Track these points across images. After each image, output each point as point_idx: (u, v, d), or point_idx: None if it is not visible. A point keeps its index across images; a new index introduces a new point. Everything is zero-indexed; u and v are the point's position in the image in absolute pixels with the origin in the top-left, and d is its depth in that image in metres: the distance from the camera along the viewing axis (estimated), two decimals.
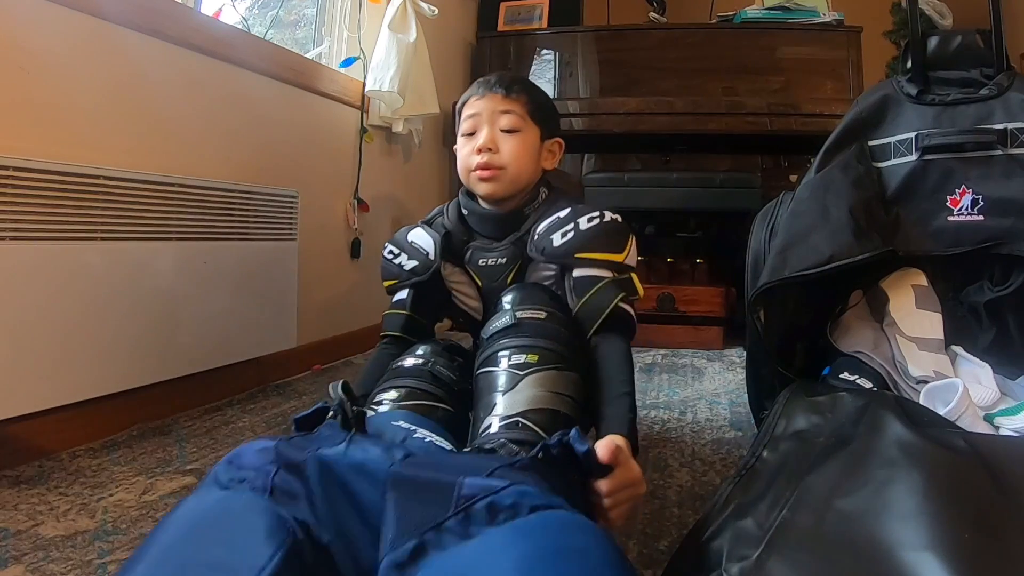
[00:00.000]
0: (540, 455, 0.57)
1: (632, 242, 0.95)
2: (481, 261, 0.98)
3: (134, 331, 1.24)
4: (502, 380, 0.76)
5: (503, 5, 2.78)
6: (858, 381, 0.93)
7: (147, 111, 1.32)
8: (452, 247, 1.01)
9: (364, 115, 2.09)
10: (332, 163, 1.97)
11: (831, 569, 0.53)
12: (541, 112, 1.00)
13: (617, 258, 0.92)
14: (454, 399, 0.85)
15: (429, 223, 1.06)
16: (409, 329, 1.01)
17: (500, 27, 2.77)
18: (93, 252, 1.16)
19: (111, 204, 1.19)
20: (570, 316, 0.87)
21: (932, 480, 0.55)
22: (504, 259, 0.97)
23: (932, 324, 0.99)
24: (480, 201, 1.01)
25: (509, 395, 0.74)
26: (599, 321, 0.88)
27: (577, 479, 0.61)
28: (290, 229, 1.66)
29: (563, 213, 0.94)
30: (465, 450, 0.75)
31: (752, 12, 2.51)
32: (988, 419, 0.85)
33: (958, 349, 0.99)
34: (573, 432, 0.59)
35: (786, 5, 2.46)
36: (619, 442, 0.68)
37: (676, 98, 2.37)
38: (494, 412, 0.73)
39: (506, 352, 0.78)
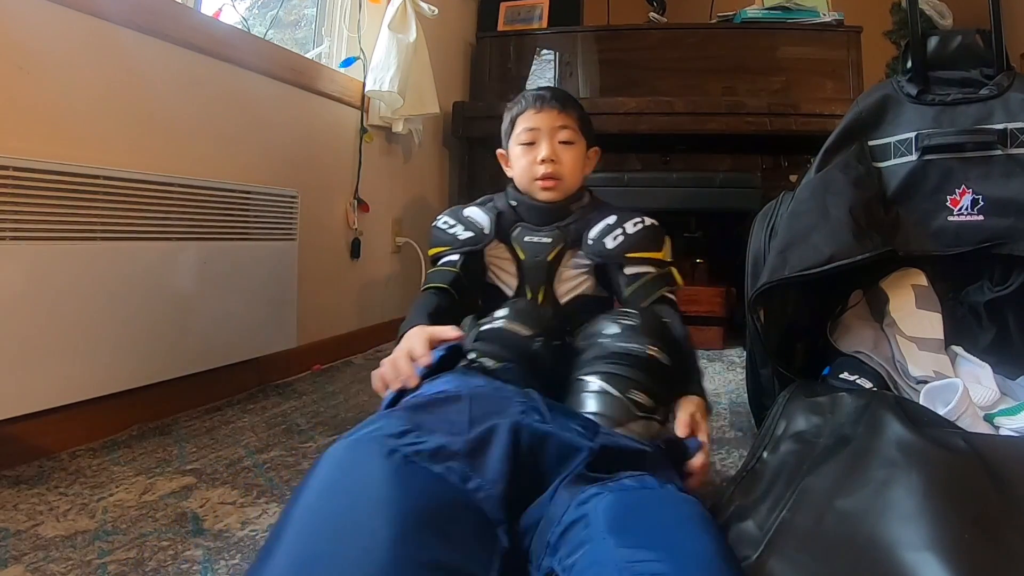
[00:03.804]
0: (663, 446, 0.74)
1: (668, 241, 1.08)
2: (527, 238, 1.07)
3: (134, 331, 1.24)
4: (617, 408, 0.81)
5: (503, 5, 2.78)
6: (858, 381, 0.93)
7: (147, 111, 1.32)
8: (501, 226, 1.09)
9: (364, 115, 2.09)
10: (332, 163, 1.97)
11: (831, 569, 0.53)
12: (587, 126, 1.12)
13: (658, 255, 1.05)
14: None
15: (478, 204, 1.14)
16: (456, 286, 1.07)
17: (500, 27, 2.77)
18: (93, 252, 1.16)
19: (111, 204, 1.19)
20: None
21: (932, 480, 0.55)
22: (549, 239, 1.06)
23: (932, 324, 0.99)
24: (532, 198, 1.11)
25: (621, 429, 0.80)
26: (648, 299, 1.02)
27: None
28: (290, 229, 1.66)
29: (611, 220, 1.05)
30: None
31: (752, 12, 2.51)
32: (988, 419, 0.85)
33: (958, 349, 0.99)
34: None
35: (786, 5, 2.46)
36: (692, 408, 0.83)
37: (676, 98, 2.37)
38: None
39: (626, 384, 0.82)
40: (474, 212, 1.11)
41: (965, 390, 0.81)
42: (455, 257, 1.09)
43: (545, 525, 0.60)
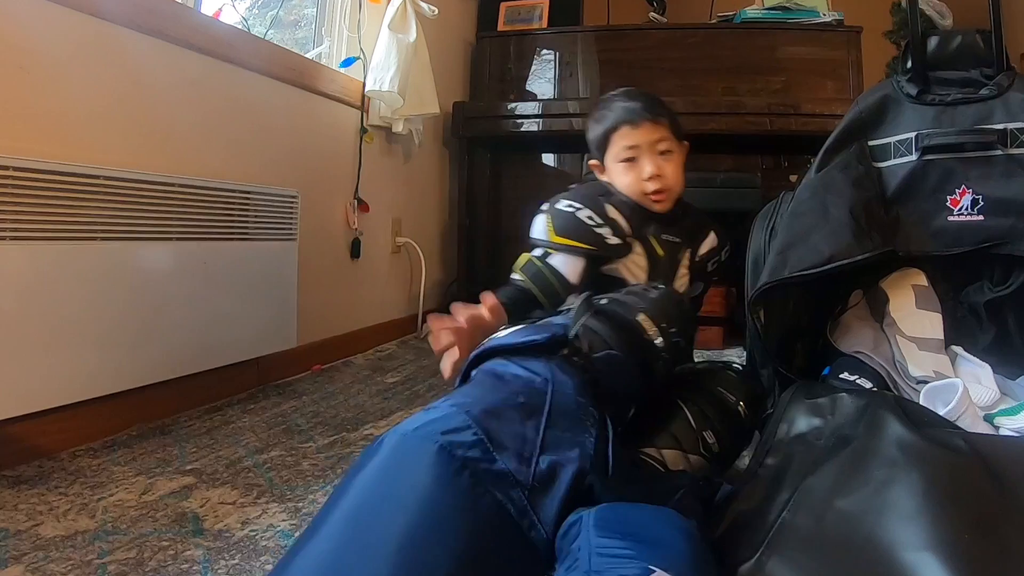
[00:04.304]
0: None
1: None
2: (664, 236, 1.09)
3: (134, 331, 1.24)
4: (687, 437, 0.88)
5: (503, 5, 2.78)
6: (858, 381, 0.93)
7: (147, 111, 1.32)
8: (633, 225, 1.08)
9: (364, 115, 2.09)
10: (332, 163, 1.97)
11: (831, 569, 0.53)
12: (676, 126, 1.13)
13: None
14: None
15: (607, 199, 1.09)
16: (551, 299, 1.01)
17: (500, 27, 2.77)
18: (93, 252, 1.16)
19: (111, 204, 1.18)
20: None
21: (932, 480, 0.55)
22: (678, 239, 1.11)
23: (932, 324, 0.99)
24: None
25: (684, 458, 0.87)
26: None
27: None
28: (290, 229, 1.66)
29: (714, 243, 1.15)
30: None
31: (752, 12, 2.51)
32: (988, 419, 0.85)
33: (958, 349, 0.99)
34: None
35: (786, 5, 2.46)
36: None
37: (676, 98, 2.36)
38: (669, 447, 0.87)
39: (706, 422, 0.90)
40: (617, 216, 1.05)
41: (965, 390, 0.81)
42: (569, 268, 1.02)
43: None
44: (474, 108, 2.62)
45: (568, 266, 1.02)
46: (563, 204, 1.05)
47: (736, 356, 2.12)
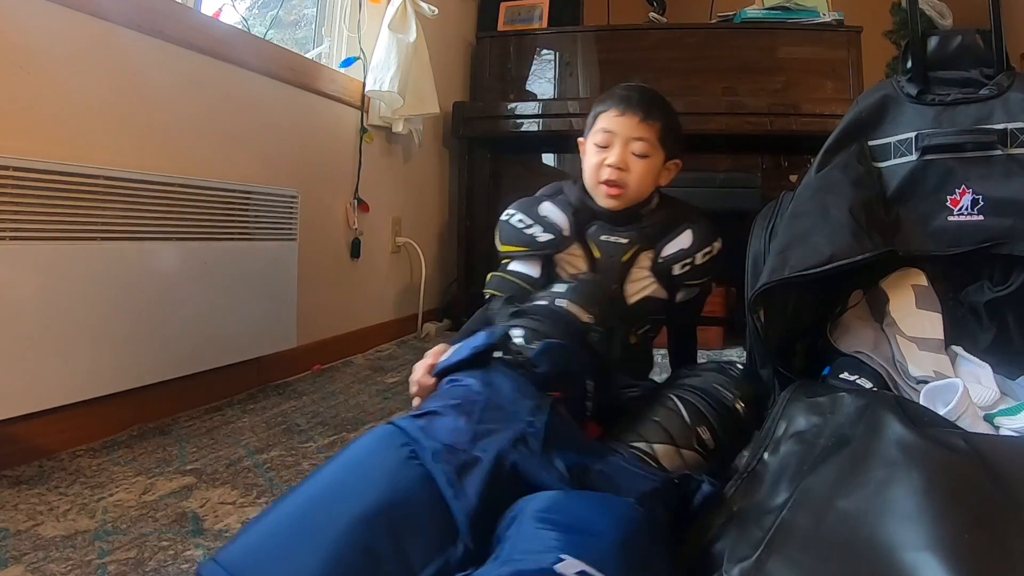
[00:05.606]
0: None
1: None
2: (603, 236, 1.06)
3: (134, 331, 1.24)
4: (680, 432, 0.85)
5: (503, 5, 2.78)
6: (858, 381, 0.93)
7: (147, 111, 1.32)
8: (578, 224, 1.07)
9: (364, 115, 2.09)
10: (332, 163, 1.97)
11: (830, 569, 0.53)
12: (670, 138, 1.08)
13: (709, 278, 1.10)
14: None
15: (550, 198, 1.10)
16: (523, 299, 1.04)
17: (500, 27, 2.77)
18: (93, 252, 1.16)
19: (111, 204, 1.19)
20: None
21: (932, 480, 0.55)
22: (625, 240, 1.06)
23: (932, 324, 0.99)
24: None
25: (678, 453, 0.84)
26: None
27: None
28: (290, 229, 1.66)
29: (685, 243, 1.05)
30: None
31: (752, 12, 2.51)
32: (988, 419, 0.85)
33: (958, 349, 0.99)
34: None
35: (786, 5, 2.46)
36: None
37: (676, 98, 2.35)
38: (661, 441, 0.84)
39: (701, 418, 0.87)
40: (550, 210, 1.06)
41: (965, 390, 0.80)
42: (528, 270, 1.05)
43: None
44: (474, 108, 2.62)
45: (527, 268, 1.06)
46: (504, 214, 1.09)
47: (736, 356, 2.12)
